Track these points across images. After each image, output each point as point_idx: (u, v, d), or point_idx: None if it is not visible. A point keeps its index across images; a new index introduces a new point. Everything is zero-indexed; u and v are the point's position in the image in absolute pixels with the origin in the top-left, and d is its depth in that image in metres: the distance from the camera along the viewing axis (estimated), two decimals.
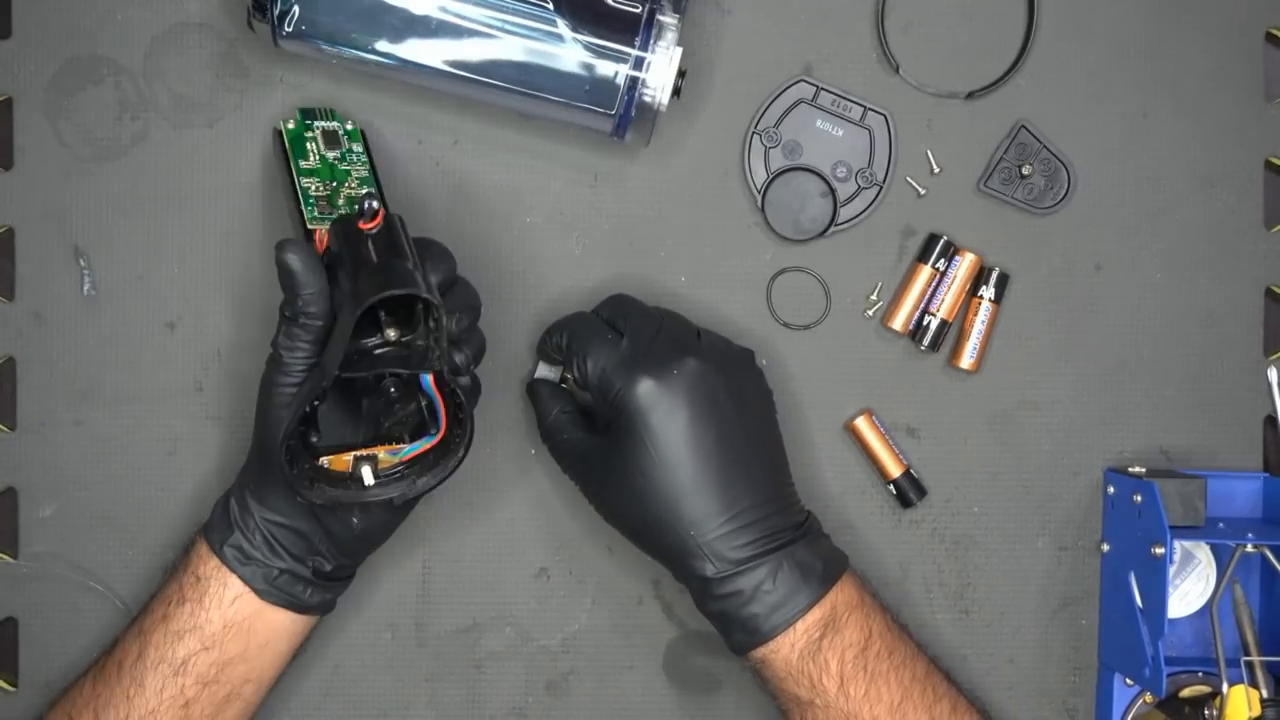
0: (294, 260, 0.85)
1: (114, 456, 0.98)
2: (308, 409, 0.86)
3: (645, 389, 0.89)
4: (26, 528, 0.98)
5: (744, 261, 1.00)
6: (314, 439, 0.88)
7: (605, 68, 0.92)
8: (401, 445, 0.88)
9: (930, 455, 1.00)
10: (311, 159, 0.94)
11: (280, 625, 0.90)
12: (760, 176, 0.99)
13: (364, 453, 0.88)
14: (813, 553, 0.91)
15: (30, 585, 0.98)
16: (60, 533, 0.98)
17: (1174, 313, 1.01)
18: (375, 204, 0.86)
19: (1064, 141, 1.00)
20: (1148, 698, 0.98)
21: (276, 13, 0.91)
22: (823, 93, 0.99)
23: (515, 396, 0.99)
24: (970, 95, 1.00)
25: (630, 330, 0.92)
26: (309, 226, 0.91)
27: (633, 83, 0.92)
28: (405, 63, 0.92)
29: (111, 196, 0.98)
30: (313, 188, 0.92)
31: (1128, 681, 0.98)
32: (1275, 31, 1.01)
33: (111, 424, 0.98)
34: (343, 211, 0.92)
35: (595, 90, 0.92)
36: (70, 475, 0.98)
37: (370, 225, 0.86)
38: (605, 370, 0.91)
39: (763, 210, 0.99)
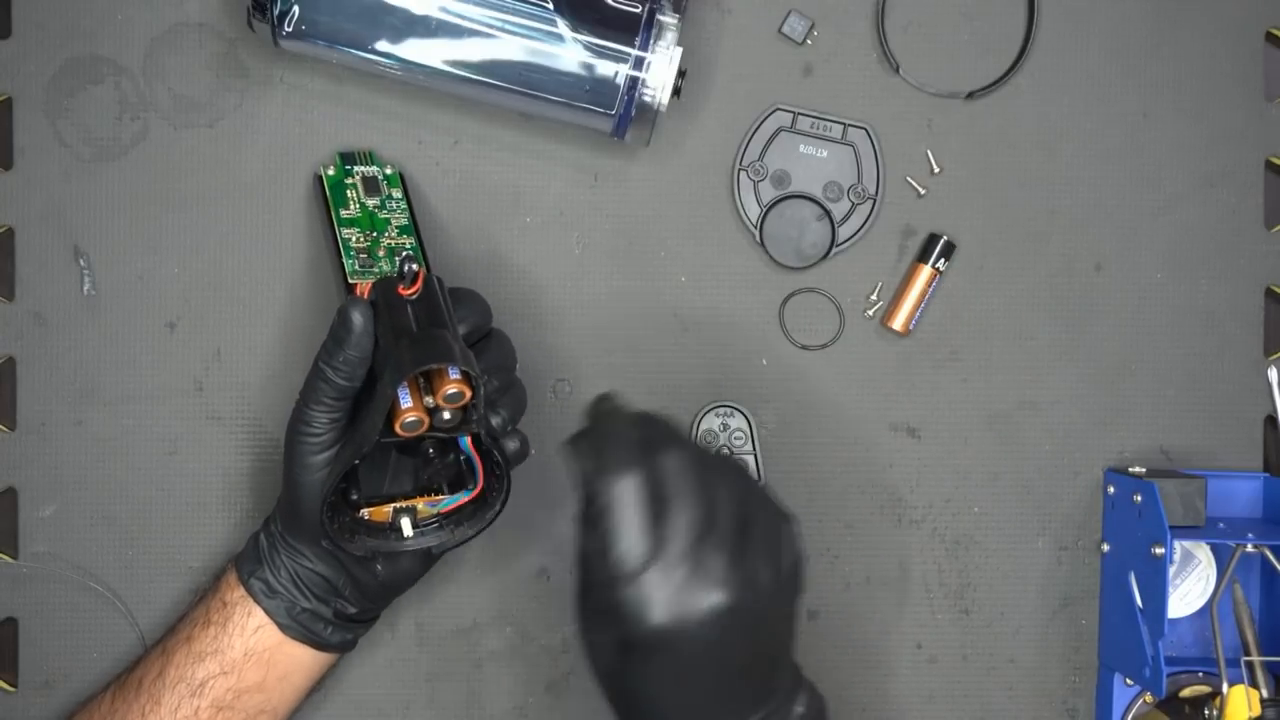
0: (358, 319, 0.85)
1: (114, 456, 0.98)
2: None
3: (658, 636, 0.77)
4: (26, 528, 0.98)
5: (745, 262, 1.00)
6: (354, 495, 0.88)
7: (605, 68, 0.92)
8: (440, 497, 0.89)
9: (930, 455, 1.00)
10: (352, 207, 0.94)
11: (299, 660, 0.90)
12: (754, 210, 0.99)
13: (403, 504, 0.88)
14: None
15: (30, 585, 0.98)
16: (60, 533, 0.98)
17: (1174, 313, 1.01)
18: (415, 267, 0.85)
19: (1064, 141, 1.00)
20: (1148, 698, 0.98)
21: (276, 13, 0.91)
22: (800, 117, 0.99)
23: None
24: (970, 95, 1.00)
25: (671, 523, 0.78)
26: (350, 280, 0.91)
27: (633, 83, 0.92)
28: (405, 63, 0.92)
29: (111, 196, 0.98)
30: (353, 238, 0.92)
31: (1128, 681, 0.98)
32: (1275, 31, 1.01)
33: (111, 424, 0.98)
34: (382, 264, 0.92)
35: (595, 90, 0.92)
36: (70, 475, 0.98)
37: (410, 291, 0.85)
38: (620, 570, 0.78)
39: (762, 244, 0.98)
